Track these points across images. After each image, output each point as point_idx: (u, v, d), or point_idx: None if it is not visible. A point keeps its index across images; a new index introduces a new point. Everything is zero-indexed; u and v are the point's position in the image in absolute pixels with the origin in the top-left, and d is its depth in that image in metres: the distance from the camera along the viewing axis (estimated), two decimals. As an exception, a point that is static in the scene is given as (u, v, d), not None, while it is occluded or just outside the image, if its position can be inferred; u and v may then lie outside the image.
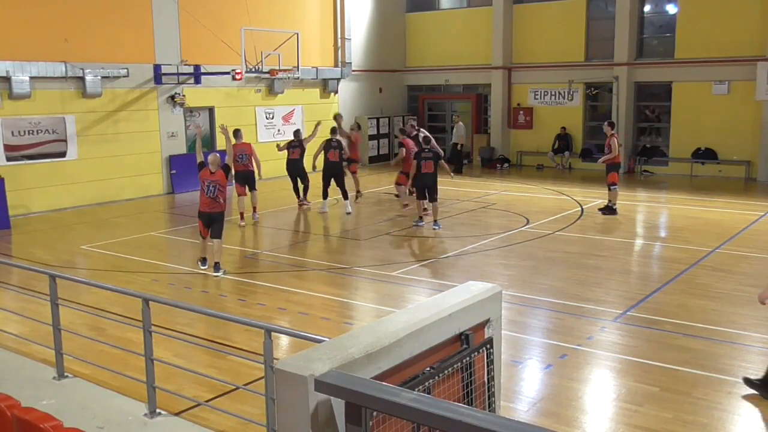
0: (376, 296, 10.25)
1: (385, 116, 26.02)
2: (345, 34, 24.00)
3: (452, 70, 25.74)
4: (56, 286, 6.74)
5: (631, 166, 22.59)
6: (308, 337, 5.00)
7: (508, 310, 9.22)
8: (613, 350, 7.83)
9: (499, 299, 3.92)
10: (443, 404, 2.58)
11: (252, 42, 18.34)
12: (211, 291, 10.29)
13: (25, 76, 16.13)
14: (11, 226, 14.87)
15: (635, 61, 22.15)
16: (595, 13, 23.10)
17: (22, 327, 8.33)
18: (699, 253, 11.85)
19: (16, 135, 16.33)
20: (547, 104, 24.04)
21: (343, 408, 2.89)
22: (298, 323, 8.82)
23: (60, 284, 6.84)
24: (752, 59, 19.83)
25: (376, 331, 3.25)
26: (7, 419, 4.00)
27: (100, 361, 6.96)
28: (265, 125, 21.89)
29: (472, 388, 3.61)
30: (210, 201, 10.79)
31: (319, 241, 13.81)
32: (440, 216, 14.50)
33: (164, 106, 19.22)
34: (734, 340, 7.96)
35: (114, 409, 6.11)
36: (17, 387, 6.18)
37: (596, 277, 10.69)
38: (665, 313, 8.95)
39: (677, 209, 16.29)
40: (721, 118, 20.75)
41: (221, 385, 6.59)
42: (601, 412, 6.47)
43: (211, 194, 10.75)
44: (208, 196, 10.79)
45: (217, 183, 10.71)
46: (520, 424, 2.43)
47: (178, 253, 12.99)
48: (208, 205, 10.85)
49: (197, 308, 7.05)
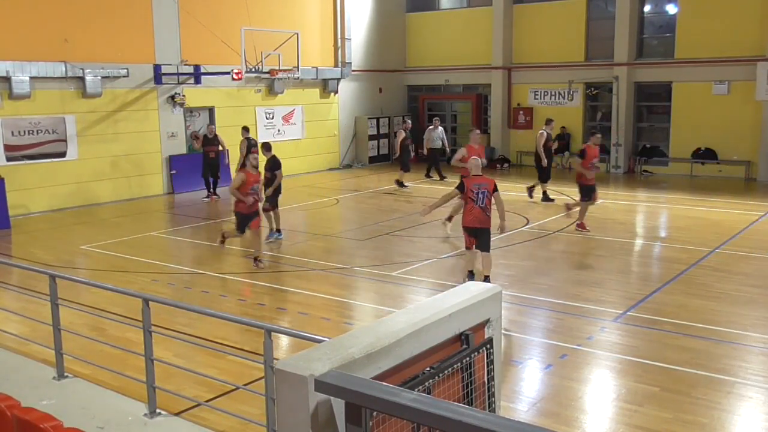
0: (376, 296, 10.25)
1: (385, 116, 26.02)
2: (345, 34, 24.00)
3: (452, 70, 25.74)
4: (56, 286, 6.74)
5: (631, 166, 22.61)
6: (308, 337, 5.00)
7: (508, 310, 9.21)
8: (613, 350, 7.83)
9: (499, 299, 3.92)
10: (443, 404, 2.57)
11: (252, 42, 18.34)
12: (211, 291, 10.29)
13: (25, 76, 16.13)
14: (11, 226, 14.88)
15: (635, 61, 22.15)
16: (595, 13, 23.09)
17: (22, 327, 8.33)
18: (699, 253, 11.85)
19: (16, 135, 16.33)
20: (547, 104, 24.03)
21: (343, 408, 2.89)
22: (298, 323, 8.82)
23: (60, 284, 6.84)
24: (752, 59, 19.83)
25: (376, 331, 3.25)
26: (7, 419, 4.00)
27: (100, 361, 6.96)
28: (265, 125, 21.89)
29: (472, 388, 3.61)
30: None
31: (319, 241, 13.80)
32: (440, 216, 14.48)
33: (164, 106, 19.21)
34: (734, 340, 7.95)
35: (114, 409, 6.11)
36: (17, 387, 6.17)
37: (596, 277, 10.69)
38: (665, 313, 8.95)
39: (677, 209, 16.28)
40: (721, 118, 20.74)
41: (221, 385, 6.59)
42: (601, 412, 6.47)
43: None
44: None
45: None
46: (520, 424, 2.43)
47: (178, 253, 13.00)
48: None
49: (197, 308, 7.04)
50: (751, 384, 6.84)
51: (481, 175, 10.06)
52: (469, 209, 9.85)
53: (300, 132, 23.00)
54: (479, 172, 10.08)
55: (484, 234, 9.94)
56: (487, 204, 9.79)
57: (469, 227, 9.97)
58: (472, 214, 9.85)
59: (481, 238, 9.96)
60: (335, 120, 24.47)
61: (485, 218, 9.86)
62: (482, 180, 9.94)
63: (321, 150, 23.75)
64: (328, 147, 24.26)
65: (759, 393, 6.70)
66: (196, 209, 17.19)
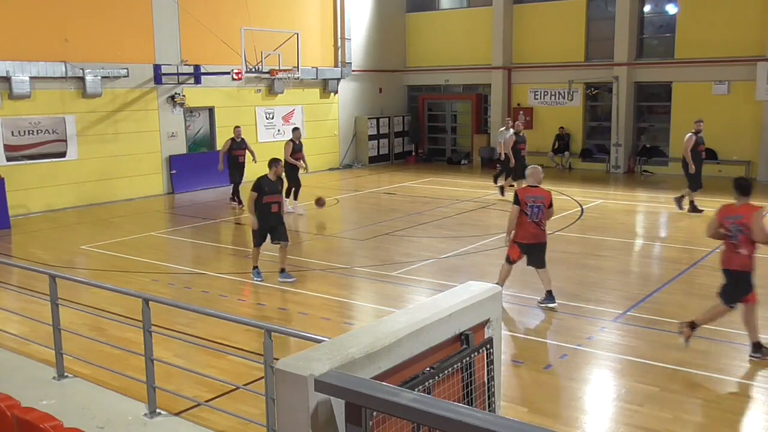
0: (376, 296, 10.25)
1: (385, 116, 26.02)
2: (345, 34, 24.00)
3: (452, 70, 25.74)
4: (56, 286, 6.74)
5: (631, 166, 22.60)
6: (308, 337, 5.00)
7: (508, 310, 9.23)
8: (613, 350, 7.83)
9: (499, 299, 3.92)
10: (443, 404, 2.57)
11: (252, 42, 18.34)
12: (211, 291, 10.29)
13: (25, 76, 16.13)
14: (11, 226, 14.88)
15: (635, 61, 22.15)
16: (595, 13, 23.10)
17: (22, 327, 8.33)
18: (699, 253, 11.85)
19: (16, 135, 16.33)
20: (547, 104, 24.04)
21: (343, 408, 2.89)
22: (298, 323, 8.82)
23: (60, 284, 6.84)
24: (752, 59, 19.83)
25: (376, 331, 3.24)
26: (7, 419, 4.00)
27: (100, 361, 6.96)
28: (265, 125, 21.88)
29: (472, 388, 3.61)
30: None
31: (319, 241, 13.80)
32: (440, 216, 14.52)
33: (164, 106, 19.22)
34: (734, 340, 7.95)
35: (114, 409, 6.11)
36: (17, 387, 6.17)
37: (596, 277, 10.69)
38: (665, 313, 8.95)
39: (677, 209, 16.27)
40: (721, 118, 20.72)
41: (221, 385, 6.59)
42: (601, 412, 6.47)
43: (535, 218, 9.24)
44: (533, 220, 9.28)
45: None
46: (520, 424, 2.43)
47: (178, 253, 12.99)
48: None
49: (197, 308, 7.04)
50: (751, 384, 6.84)
51: (537, 187, 9.27)
52: (522, 223, 9.15)
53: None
54: (535, 183, 9.28)
55: (537, 249, 9.28)
56: (541, 219, 9.14)
57: (522, 243, 9.25)
58: (524, 230, 9.15)
59: (534, 254, 9.29)
60: (335, 120, 24.46)
61: (540, 232, 9.19)
62: (538, 192, 9.20)
63: (321, 150, 23.74)
64: (328, 147, 24.25)
65: (759, 393, 6.70)
66: (196, 209, 17.18)
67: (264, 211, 10.40)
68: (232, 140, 16.80)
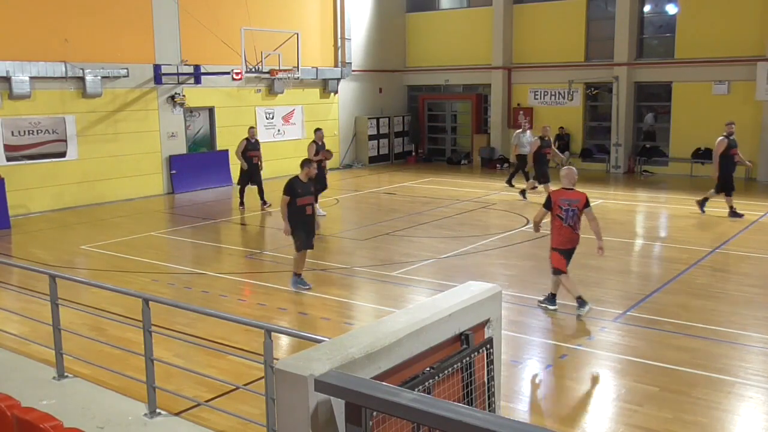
0: (376, 296, 10.25)
1: (385, 116, 26.01)
2: (345, 34, 24.00)
3: (452, 70, 25.74)
4: (56, 286, 6.74)
5: (631, 166, 22.60)
6: (308, 337, 5.00)
7: (508, 310, 9.21)
8: (613, 350, 7.83)
9: (499, 299, 3.92)
10: (443, 404, 2.58)
11: (252, 42, 18.34)
12: (211, 291, 10.29)
13: (25, 76, 16.12)
14: (11, 226, 14.88)
15: (635, 61, 22.14)
16: (595, 13, 23.10)
17: (22, 327, 8.33)
18: (699, 253, 11.85)
19: (16, 135, 16.32)
20: (547, 104, 24.04)
21: (343, 408, 2.89)
22: (298, 323, 8.82)
23: (60, 284, 6.84)
24: (752, 59, 19.83)
25: (376, 331, 3.25)
26: (7, 419, 4.00)
27: (100, 361, 6.96)
28: (265, 125, 21.88)
29: (472, 388, 3.61)
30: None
31: (319, 241, 13.79)
32: (440, 216, 14.52)
33: (164, 106, 19.21)
34: (734, 340, 7.95)
35: (114, 409, 6.11)
36: (17, 387, 6.17)
37: (596, 277, 10.68)
38: (665, 313, 8.95)
39: (677, 209, 16.28)
40: (721, 118, 20.68)
41: (221, 385, 6.59)
42: (601, 412, 6.47)
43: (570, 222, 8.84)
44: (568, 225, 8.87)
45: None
46: (520, 424, 2.43)
47: (178, 253, 12.99)
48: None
49: (197, 308, 7.04)
50: (751, 384, 6.84)
51: (572, 189, 8.79)
52: (557, 228, 8.81)
53: (300, 132, 22.96)
54: (569, 185, 8.81)
55: (574, 253, 8.99)
56: (576, 223, 8.74)
57: (561, 249, 8.85)
58: (562, 235, 8.80)
59: (572, 257, 8.98)
60: (335, 120, 24.45)
61: (575, 237, 8.85)
62: (572, 195, 8.74)
63: (321, 150, 23.70)
64: (329, 147, 24.17)
65: (759, 393, 6.70)
66: (196, 209, 17.18)
67: (299, 213, 9.93)
68: (246, 140, 16.45)
